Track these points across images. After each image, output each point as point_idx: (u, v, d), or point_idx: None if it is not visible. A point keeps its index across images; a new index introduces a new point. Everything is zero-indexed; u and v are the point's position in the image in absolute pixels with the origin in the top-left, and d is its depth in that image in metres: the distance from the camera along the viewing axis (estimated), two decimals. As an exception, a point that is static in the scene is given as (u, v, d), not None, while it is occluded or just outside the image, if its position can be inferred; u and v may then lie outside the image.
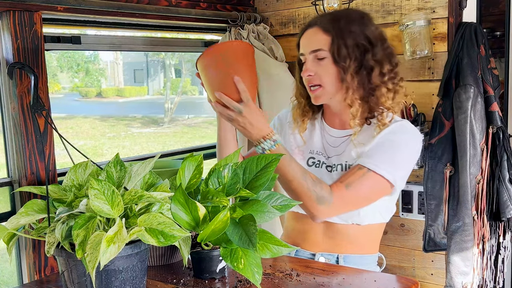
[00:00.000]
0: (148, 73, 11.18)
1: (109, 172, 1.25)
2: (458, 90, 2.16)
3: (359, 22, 1.54)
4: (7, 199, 1.87)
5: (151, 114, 10.83)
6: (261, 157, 1.32)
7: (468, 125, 2.14)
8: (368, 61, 1.52)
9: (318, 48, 1.53)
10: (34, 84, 1.54)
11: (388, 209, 1.64)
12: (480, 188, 2.19)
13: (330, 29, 1.53)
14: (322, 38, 1.53)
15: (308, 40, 1.57)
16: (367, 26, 1.55)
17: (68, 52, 8.70)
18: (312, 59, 1.55)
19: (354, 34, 1.52)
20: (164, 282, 1.37)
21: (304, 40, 1.59)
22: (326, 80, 1.54)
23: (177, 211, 1.19)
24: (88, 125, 9.89)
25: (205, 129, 9.24)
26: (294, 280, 1.34)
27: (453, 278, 2.22)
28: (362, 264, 1.61)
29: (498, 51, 3.18)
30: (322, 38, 1.53)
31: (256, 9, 2.77)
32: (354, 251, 1.62)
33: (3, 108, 1.82)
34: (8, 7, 1.73)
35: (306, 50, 1.57)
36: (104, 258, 1.04)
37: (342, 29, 1.52)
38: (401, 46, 2.36)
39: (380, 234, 1.70)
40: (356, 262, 1.60)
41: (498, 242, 2.28)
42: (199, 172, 1.29)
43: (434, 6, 2.28)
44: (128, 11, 2.09)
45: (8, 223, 1.23)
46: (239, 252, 1.19)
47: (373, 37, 1.54)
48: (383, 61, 1.53)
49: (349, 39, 1.51)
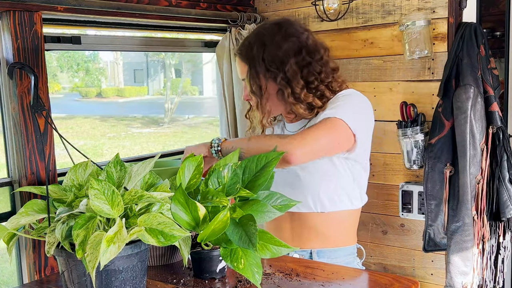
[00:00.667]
0: (148, 73, 11.17)
1: (109, 172, 1.25)
2: (458, 90, 2.16)
3: (270, 40, 1.61)
4: (7, 199, 1.87)
5: (151, 114, 10.83)
6: (261, 157, 1.32)
7: (468, 125, 2.14)
8: (287, 72, 1.59)
9: (243, 78, 1.68)
10: (34, 84, 1.54)
11: (356, 192, 1.65)
12: (480, 188, 2.19)
13: (245, 57, 1.65)
14: (243, 68, 1.66)
15: (237, 68, 1.71)
16: (284, 38, 1.61)
17: (68, 52, 8.70)
18: (245, 86, 1.68)
19: (263, 49, 1.61)
20: (164, 282, 1.37)
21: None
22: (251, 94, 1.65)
23: (177, 211, 1.19)
24: (88, 125, 9.88)
25: (205, 129, 9.23)
26: (294, 280, 1.34)
27: (453, 278, 2.22)
28: (338, 257, 1.61)
29: (498, 51, 3.18)
30: (243, 68, 1.66)
31: (256, 9, 2.77)
32: (326, 244, 1.62)
33: (3, 108, 1.82)
34: (8, 7, 1.73)
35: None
36: (104, 258, 1.04)
37: (254, 53, 1.62)
38: (401, 46, 2.36)
39: (353, 224, 1.70)
40: (331, 255, 1.60)
41: (498, 242, 2.28)
42: (199, 172, 1.29)
43: (434, 6, 2.28)
44: (128, 11, 2.09)
45: (8, 223, 1.23)
46: (239, 252, 1.19)
47: (290, 48, 1.60)
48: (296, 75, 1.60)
49: (259, 64, 1.61)
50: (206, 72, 9.18)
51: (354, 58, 2.50)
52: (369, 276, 1.40)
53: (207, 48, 2.70)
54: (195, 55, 8.15)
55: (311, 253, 1.63)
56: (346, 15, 2.48)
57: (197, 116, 10.29)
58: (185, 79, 10.13)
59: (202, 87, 9.94)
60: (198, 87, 10.15)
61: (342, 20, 2.50)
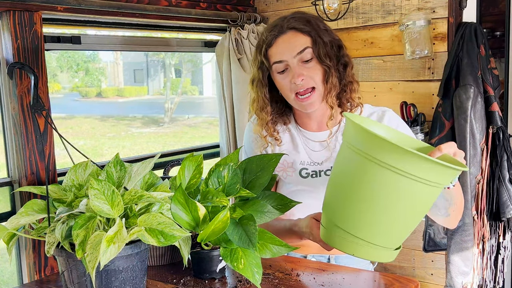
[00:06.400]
0: (148, 73, 11.17)
1: (109, 172, 1.25)
2: (458, 90, 2.16)
3: (322, 23, 1.54)
4: (7, 199, 1.87)
5: (151, 114, 10.82)
6: (262, 157, 1.33)
7: (468, 125, 2.14)
8: (344, 56, 1.51)
9: (304, 47, 1.47)
10: (34, 84, 1.54)
11: None
12: (480, 188, 2.19)
13: (307, 30, 1.48)
14: (303, 40, 1.47)
15: (288, 44, 1.48)
16: (327, 26, 1.55)
17: (68, 52, 8.69)
18: (297, 63, 1.47)
19: (327, 32, 1.50)
20: (164, 282, 1.37)
21: (280, 46, 1.49)
22: (317, 81, 1.48)
23: (177, 211, 1.19)
24: (88, 125, 9.88)
25: (205, 129, 9.22)
26: (294, 280, 1.34)
27: (453, 278, 2.22)
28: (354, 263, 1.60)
29: (498, 51, 3.18)
30: (304, 39, 1.47)
31: (256, 9, 2.77)
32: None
33: (3, 108, 1.82)
34: (8, 7, 1.73)
35: (288, 54, 1.47)
36: (104, 258, 1.04)
37: (316, 28, 1.48)
38: (401, 46, 2.36)
39: None
40: (348, 262, 1.59)
41: (498, 242, 2.28)
42: (199, 172, 1.29)
43: (434, 6, 2.28)
44: (128, 11, 2.09)
45: (8, 223, 1.23)
46: (239, 252, 1.19)
47: (336, 35, 1.54)
48: (350, 57, 1.54)
49: (325, 37, 1.48)
50: (206, 72, 9.18)
51: (354, 58, 2.50)
52: (369, 276, 1.40)
53: (207, 48, 2.70)
54: (195, 55, 8.15)
55: (329, 258, 1.62)
56: (346, 15, 2.48)
57: (197, 116, 10.29)
58: (185, 79, 10.13)
59: (202, 87, 9.94)
60: (198, 87, 10.15)
61: (342, 20, 2.50)
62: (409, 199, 1.09)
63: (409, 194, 1.08)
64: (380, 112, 1.56)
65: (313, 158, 1.58)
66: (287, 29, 1.49)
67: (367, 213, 1.11)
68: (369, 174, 1.09)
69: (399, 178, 1.06)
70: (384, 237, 1.14)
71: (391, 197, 1.08)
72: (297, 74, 1.46)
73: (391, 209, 1.10)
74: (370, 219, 1.12)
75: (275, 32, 1.50)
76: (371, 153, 1.07)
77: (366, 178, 1.09)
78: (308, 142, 1.60)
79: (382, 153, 1.05)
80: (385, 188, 1.08)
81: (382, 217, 1.11)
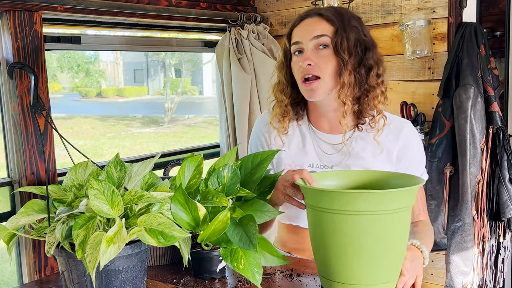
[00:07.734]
0: (148, 73, 11.16)
1: (109, 172, 1.25)
2: (458, 90, 2.16)
3: (358, 21, 1.51)
4: (7, 199, 1.87)
5: (151, 114, 10.82)
6: (256, 155, 1.34)
7: (468, 125, 2.14)
8: (369, 59, 1.47)
9: (322, 33, 1.45)
10: (34, 84, 1.54)
11: None
12: (480, 188, 2.19)
13: (334, 20, 1.46)
14: (325, 27, 1.46)
15: (309, 27, 1.47)
16: (364, 27, 1.53)
17: (68, 52, 8.70)
18: (312, 48, 1.45)
19: (357, 30, 1.48)
20: (164, 282, 1.37)
21: (302, 28, 1.49)
22: (325, 71, 1.44)
23: (177, 211, 1.19)
24: (88, 125, 9.88)
25: (205, 129, 9.22)
26: (294, 280, 1.34)
27: (453, 278, 2.22)
28: None
29: (498, 51, 3.18)
30: (326, 27, 1.46)
31: (256, 9, 2.77)
32: None
33: (3, 108, 1.82)
34: (8, 7, 1.73)
35: (306, 37, 1.46)
36: (104, 258, 1.04)
37: (345, 22, 1.46)
38: (401, 46, 2.36)
39: None
40: None
41: (498, 242, 2.28)
42: (199, 172, 1.29)
43: (434, 6, 2.28)
44: (128, 11, 2.09)
45: (8, 223, 1.23)
46: (239, 252, 1.19)
47: (370, 39, 1.51)
48: (379, 63, 1.51)
49: (352, 34, 1.46)
50: (206, 72, 9.17)
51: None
52: (369, 276, 1.40)
53: (207, 48, 2.70)
54: (195, 55, 8.15)
55: None
56: (346, 15, 2.48)
57: (197, 116, 10.29)
58: (185, 79, 10.12)
59: (202, 87, 9.93)
60: (198, 87, 10.14)
61: (342, 20, 2.50)
62: (369, 233, 1.11)
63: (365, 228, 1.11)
64: (399, 123, 1.54)
65: (324, 161, 1.54)
66: (314, 14, 1.50)
67: (341, 258, 1.15)
68: (324, 223, 1.15)
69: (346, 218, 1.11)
70: (372, 275, 1.15)
71: (353, 236, 1.12)
72: (305, 57, 1.45)
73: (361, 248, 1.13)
74: (345, 262, 1.14)
75: (304, 15, 1.52)
76: (318, 204, 1.15)
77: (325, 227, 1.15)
78: (321, 143, 1.56)
79: (323, 202, 1.13)
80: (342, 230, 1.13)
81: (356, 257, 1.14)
